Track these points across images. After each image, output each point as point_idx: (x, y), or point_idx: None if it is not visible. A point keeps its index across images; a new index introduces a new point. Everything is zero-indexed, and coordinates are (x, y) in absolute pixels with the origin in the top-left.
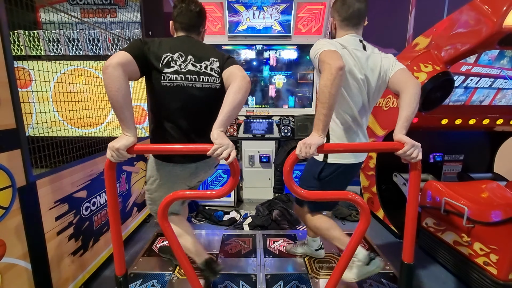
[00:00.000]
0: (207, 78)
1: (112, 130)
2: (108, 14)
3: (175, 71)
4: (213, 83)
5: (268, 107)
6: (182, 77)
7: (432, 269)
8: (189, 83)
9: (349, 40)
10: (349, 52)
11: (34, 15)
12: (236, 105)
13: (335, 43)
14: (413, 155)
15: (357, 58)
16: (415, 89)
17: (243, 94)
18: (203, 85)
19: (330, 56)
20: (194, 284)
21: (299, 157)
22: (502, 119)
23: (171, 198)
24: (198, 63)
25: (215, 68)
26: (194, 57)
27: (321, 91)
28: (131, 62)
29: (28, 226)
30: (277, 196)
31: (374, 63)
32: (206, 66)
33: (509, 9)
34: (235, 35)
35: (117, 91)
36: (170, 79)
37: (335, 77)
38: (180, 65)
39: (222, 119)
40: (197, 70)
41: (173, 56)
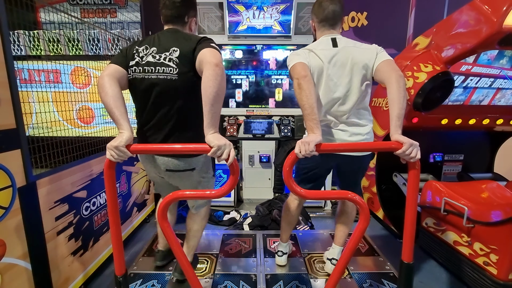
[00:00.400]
0: (163, 68)
1: (112, 130)
2: (108, 14)
3: (136, 63)
4: (169, 74)
5: (268, 107)
6: (140, 69)
7: (432, 269)
8: (146, 74)
9: (320, 41)
10: (315, 53)
11: (34, 15)
12: (214, 101)
13: (302, 52)
14: (412, 154)
15: (323, 57)
16: (398, 83)
17: (218, 85)
18: (157, 76)
19: (295, 70)
20: (194, 284)
21: (299, 156)
22: (502, 119)
23: (171, 198)
24: (159, 54)
25: (174, 58)
26: (157, 49)
27: (298, 99)
28: (117, 69)
29: (28, 226)
30: (277, 196)
31: (345, 56)
32: (166, 57)
33: (509, 9)
34: (235, 35)
35: (105, 95)
36: (133, 72)
37: (302, 84)
38: (142, 57)
39: (208, 122)
40: (155, 61)
41: (138, 49)
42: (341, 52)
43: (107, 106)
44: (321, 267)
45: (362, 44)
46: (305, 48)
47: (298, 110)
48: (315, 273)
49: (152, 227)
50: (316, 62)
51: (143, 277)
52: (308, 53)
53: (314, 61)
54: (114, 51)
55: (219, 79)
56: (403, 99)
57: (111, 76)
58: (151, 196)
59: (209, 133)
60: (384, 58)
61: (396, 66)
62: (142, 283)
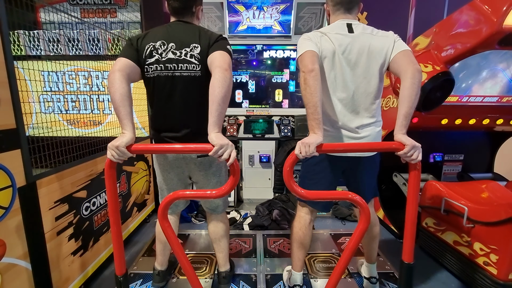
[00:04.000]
0: (186, 65)
1: (112, 130)
2: (108, 14)
3: (156, 60)
4: (192, 71)
5: (268, 107)
6: (162, 67)
7: (432, 269)
8: (169, 72)
9: (335, 25)
10: (328, 37)
11: (34, 15)
12: (221, 102)
13: (314, 35)
14: (413, 156)
15: (336, 42)
16: (414, 78)
17: (226, 87)
18: (181, 73)
19: (302, 61)
20: (194, 284)
21: (299, 157)
22: (502, 119)
23: (171, 197)
24: (179, 50)
25: (196, 54)
26: (175, 44)
27: (302, 95)
28: (129, 64)
29: (28, 226)
30: (277, 196)
31: (362, 42)
32: (186, 53)
33: (509, 9)
34: (235, 35)
35: (115, 91)
36: (152, 70)
37: (308, 80)
38: (161, 54)
39: (214, 121)
40: (176, 58)
41: (155, 45)
42: (358, 39)
43: (115, 103)
44: (321, 267)
45: (379, 31)
46: (317, 31)
47: (298, 110)
48: (315, 273)
49: (152, 227)
50: (329, 46)
51: (143, 277)
52: (321, 37)
53: (326, 45)
54: (114, 51)
55: (227, 82)
56: (415, 97)
57: (122, 72)
58: (151, 196)
59: (213, 132)
60: (402, 48)
61: (414, 59)
62: (142, 283)
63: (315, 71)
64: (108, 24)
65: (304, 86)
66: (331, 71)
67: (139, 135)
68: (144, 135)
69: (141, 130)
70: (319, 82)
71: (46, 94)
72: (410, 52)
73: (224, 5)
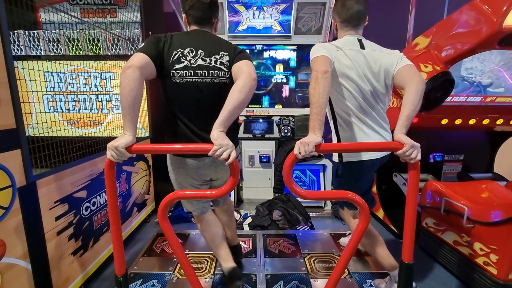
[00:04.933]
0: (217, 72)
1: (112, 130)
2: (108, 14)
3: (185, 66)
4: (222, 78)
5: (268, 107)
6: (191, 73)
7: (432, 269)
8: (199, 78)
9: (346, 40)
10: (344, 52)
11: (34, 15)
12: (238, 105)
13: (330, 46)
14: (412, 155)
15: (352, 58)
16: (418, 86)
17: (247, 93)
18: (212, 80)
19: (316, 63)
20: (194, 284)
21: (298, 156)
22: (502, 119)
23: (172, 197)
24: (208, 57)
25: (225, 62)
26: (204, 52)
27: (310, 94)
28: (149, 64)
29: (28, 226)
30: (277, 196)
31: (374, 60)
32: (216, 60)
33: (509, 9)
34: (235, 35)
35: (130, 91)
36: (180, 75)
37: (319, 80)
38: (190, 60)
39: (223, 119)
40: (206, 65)
41: (184, 52)
42: (370, 55)
43: (126, 103)
44: (321, 267)
45: (386, 50)
46: (332, 44)
47: (298, 110)
48: (315, 273)
49: (152, 227)
50: (345, 61)
51: (143, 277)
52: (337, 51)
53: (343, 60)
54: (114, 51)
55: (252, 91)
56: (418, 102)
57: (141, 70)
58: (151, 196)
59: (217, 129)
60: (407, 63)
61: (418, 72)
62: (142, 283)
63: (328, 73)
64: (108, 24)
65: (314, 85)
66: (344, 84)
67: (139, 135)
68: (144, 135)
69: (141, 130)
70: (330, 85)
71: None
72: (414, 66)
73: (224, 5)
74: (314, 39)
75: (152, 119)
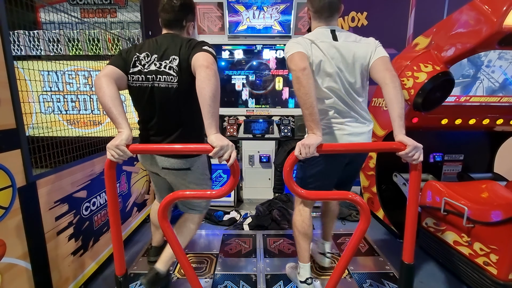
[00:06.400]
0: (165, 77)
1: (112, 130)
2: (108, 14)
3: (139, 71)
4: (170, 82)
5: (268, 107)
6: (143, 77)
7: (432, 269)
8: (149, 83)
9: (319, 32)
10: (317, 46)
11: (34, 15)
12: (210, 102)
13: (303, 41)
14: (415, 156)
15: (325, 50)
16: (394, 83)
17: (212, 86)
18: (159, 84)
19: (292, 61)
20: (194, 284)
21: (299, 157)
22: (502, 119)
23: (172, 197)
24: (159, 61)
25: (174, 66)
26: (157, 56)
27: (297, 95)
28: (114, 71)
29: (28, 226)
30: (277, 196)
31: (346, 51)
32: (166, 65)
33: (509, 9)
34: (235, 35)
35: (103, 95)
36: (134, 80)
37: (301, 78)
38: (144, 65)
39: (209, 122)
40: (156, 69)
41: (140, 56)
42: (343, 47)
43: (105, 105)
44: (321, 267)
45: (362, 38)
46: (305, 37)
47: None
48: (315, 273)
49: None
50: (319, 54)
51: None
52: (310, 44)
53: (316, 53)
54: (114, 51)
55: (212, 80)
56: (401, 98)
57: (109, 77)
58: (151, 196)
59: (212, 134)
60: (381, 55)
61: (390, 66)
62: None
63: (307, 69)
64: (108, 24)
65: (297, 86)
66: (320, 78)
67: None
68: None
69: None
70: (312, 81)
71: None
72: (387, 58)
73: (224, 5)
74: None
75: None
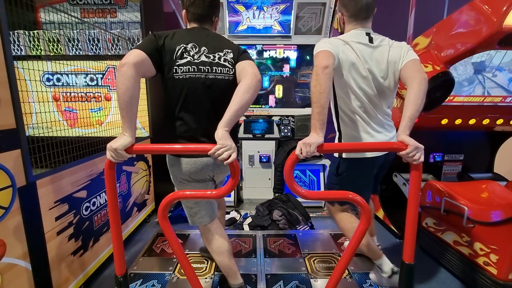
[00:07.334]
0: (221, 69)
1: (112, 130)
2: (108, 14)
3: (188, 62)
4: (227, 74)
5: (268, 107)
6: (195, 68)
7: (432, 269)
8: (202, 74)
9: (353, 34)
10: (351, 47)
11: (34, 15)
12: (243, 105)
13: (336, 41)
14: (416, 157)
15: (359, 52)
16: (420, 85)
17: (252, 94)
18: (215, 76)
19: (318, 58)
20: (194, 284)
21: (299, 157)
22: (502, 119)
23: (172, 198)
24: (212, 54)
25: (229, 59)
26: (207, 48)
27: (311, 92)
28: (146, 61)
29: (28, 226)
30: (277, 196)
31: (381, 55)
32: (220, 57)
33: (509, 9)
34: (235, 35)
35: (126, 90)
36: (183, 71)
37: (320, 76)
38: (193, 56)
39: (228, 119)
40: (210, 61)
41: (187, 47)
42: (379, 49)
43: (122, 103)
44: (321, 267)
45: (395, 42)
46: (339, 38)
47: (298, 110)
48: (315, 273)
49: (152, 227)
50: (352, 55)
51: (143, 277)
52: (344, 45)
53: (348, 54)
54: (114, 51)
55: (257, 91)
56: (421, 102)
57: (138, 68)
58: (151, 196)
59: (222, 128)
60: (412, 57)
61: (421, 68)
62: (142, 283)
63: (329, 68)
64: (108, 24)
65: (315, 82)
66: (349, 79)
67: (139, 135)
68: (144, 135)
69: (141, 130)
70: (331, 82)
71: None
72: (419, 61)
73: (224, 5)
74: (314, 39)
75: (152, 119)
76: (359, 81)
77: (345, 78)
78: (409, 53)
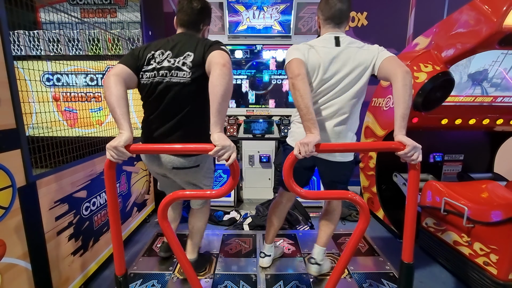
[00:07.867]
0: (177, 72)
1: (112, 130)
2: (108, 14)
3: (152, 68)
4: (182, 78)
5: (268, 107)
6: (155, 74)
7: (432, 269)
8: (160, 78)
9: (322, 38)
10: (315, 50)
11: (34, 15)
12: (221, 100)
13: (302, 46)
14: (414, 157)
15: (324, 55)
16: (404, 80)
17: (225, 83)
18: (170, 79)
19: (289, 68)
20: (194, 284)
21: (298, 157)
22: (502, 119)
23: (171, 198)
24: (174, 58)
25: (188, 62)
26: (172, 53)
27: (294, 100)
28: (124, 70)
29: (28, 226)
30: None
31: (348, 57)
32: (179, 60)
33: (509, 9)
34: (235, 35)
35: (110, 94)
36: (148, 77)
37: (296, 83)
38: (159, 62)
39: (215, 120)
40: (169, 66)
41: (154, 54)
42: (343, 52)
43: (110, 105)
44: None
45: (365, 45)
46: (306, 43)
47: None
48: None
49: (152, 227)
50: (315, 59)
51: (143, 277)
52: (309, 49)
53: (313, 58)
54: (114, 51)
55: (226, 78)
56: (409, 97)
57: (118, 76)
58: (151, 196)
59: (215, 132)
60: (386, 56)
61: (401, 62)
62: (142, 283)
63: (302, 74)
64: (108, 24)
65: (293, 90)
66: (315, 82)
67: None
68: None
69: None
70: (307, 84)
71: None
72: (395, 57)
73: (224, 5)
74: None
75: None
76: (324, 83)
77: (313, 80)
78: (381, 54)
